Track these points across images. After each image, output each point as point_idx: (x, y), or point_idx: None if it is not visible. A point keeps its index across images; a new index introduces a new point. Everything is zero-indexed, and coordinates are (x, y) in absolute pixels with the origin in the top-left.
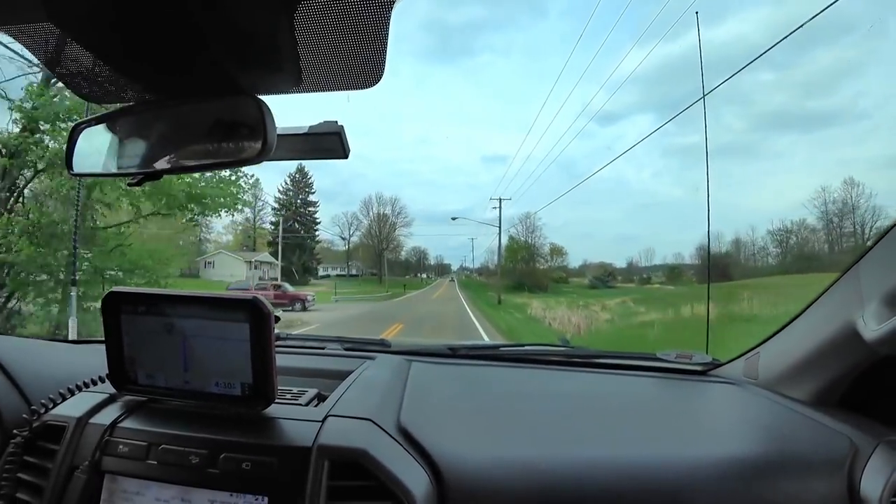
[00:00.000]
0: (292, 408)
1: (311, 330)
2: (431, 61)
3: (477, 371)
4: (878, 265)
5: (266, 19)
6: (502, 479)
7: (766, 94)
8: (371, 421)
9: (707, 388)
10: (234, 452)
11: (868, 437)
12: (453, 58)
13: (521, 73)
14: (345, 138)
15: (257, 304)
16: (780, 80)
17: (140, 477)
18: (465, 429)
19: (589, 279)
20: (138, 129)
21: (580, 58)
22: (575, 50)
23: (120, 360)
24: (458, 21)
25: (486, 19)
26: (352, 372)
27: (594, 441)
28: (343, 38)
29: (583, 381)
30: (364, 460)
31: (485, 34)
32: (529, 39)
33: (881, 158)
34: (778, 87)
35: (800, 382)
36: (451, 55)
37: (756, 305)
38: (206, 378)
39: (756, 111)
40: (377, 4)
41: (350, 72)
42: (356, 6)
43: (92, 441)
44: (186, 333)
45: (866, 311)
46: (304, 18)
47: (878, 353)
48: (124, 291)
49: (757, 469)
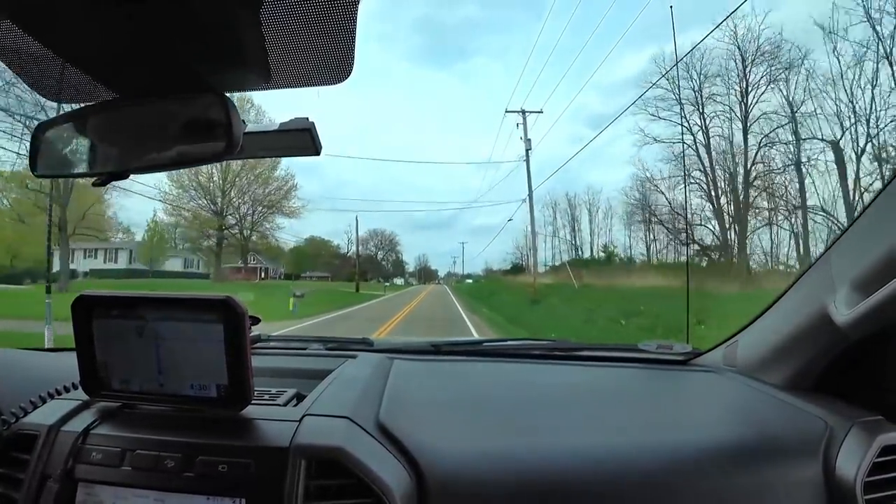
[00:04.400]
0: (270, 408)
1: None
2: (424, 64)
3: (459, 367)
4: (849, 252)
5: (232, 15)
6: (482, 471)
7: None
8: (348, 419)
9: (687, 376)
10: (211, 455)
11: (842, 418)
12: (447, 60)
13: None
14: (316, 135)
15: (231, 303)
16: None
17: (115, 484)
18: (446, 423)
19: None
20: (104, 129)
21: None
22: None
23: (92, 366)
24: (454, 22)
25: (481, 20)
26: (331, 371)
27: (575, 431)
28: (310, 34)
29: (565, 373)
30: (341, 458)
31: (480, 36)
32: (526, 41)
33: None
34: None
35: (777, 368)
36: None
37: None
38: (180, 381)
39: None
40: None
41: (319, 67)
42: (322, 1)
43: (64, 449)
44: (160, 336)
45: (838, 296)
46: (270, 14)
47: (850, 337)
48: (95, 295)
49: (734, 454)
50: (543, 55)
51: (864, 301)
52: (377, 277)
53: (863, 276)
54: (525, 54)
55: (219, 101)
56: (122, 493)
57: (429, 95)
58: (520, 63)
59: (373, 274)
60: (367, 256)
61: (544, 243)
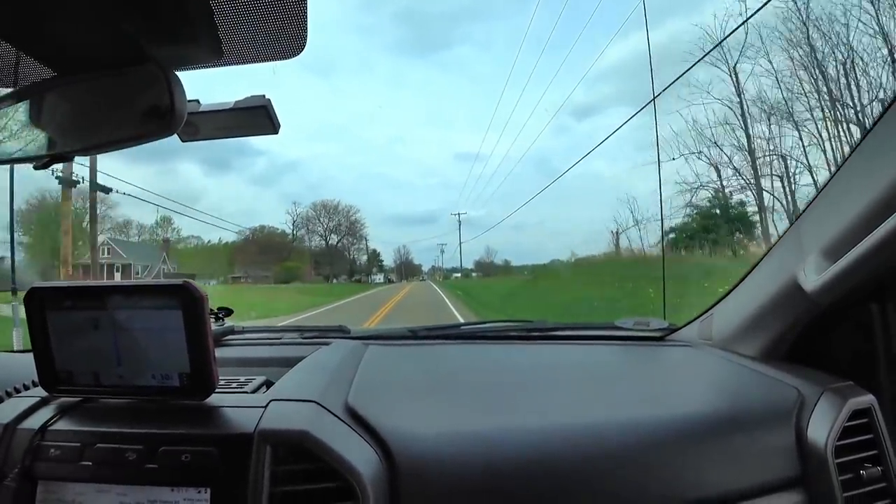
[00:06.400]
0: (236, 396)
1: None
2: (407, 55)
3: (435, 350)
4: (817, 220)
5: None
6: (454, 452)
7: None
8: (315, 402)
9: (664, 351)
10: (173, 445)
11: (814, 386)
12: (430, 51)
13: (500, 65)
14: (273, 112)
15: (188, 288)
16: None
17: (75, 480)
18: (418, 406)
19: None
20: (43, 110)
21: (559, 50)
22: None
23: (48, 361)
24: (436, 10)
25: (465, 8)
26: (304, 358)
27: (551, 410)
28: (260, 5)
29: (542, 352)
30: (306, 442)
31: (464, 24)
32: (510, 29)
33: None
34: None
35: (751, 340)
36: (427, 48)
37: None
38: (141, 371)
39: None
40: None
41: (270, 41)
42: None
43: (21, 447)
44: (117, 326)
45: (807, 264)
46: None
47: (820, 304)
48: (47, 286)
49: (709, 426)
50: (531, 45)
51: (832, 266)
52: (334, 274)
53: (830, 242)
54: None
55: (161, 75)
56: (82, 490)
57: (413, 87)
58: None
59: (339, 268)
60: (321, 249)
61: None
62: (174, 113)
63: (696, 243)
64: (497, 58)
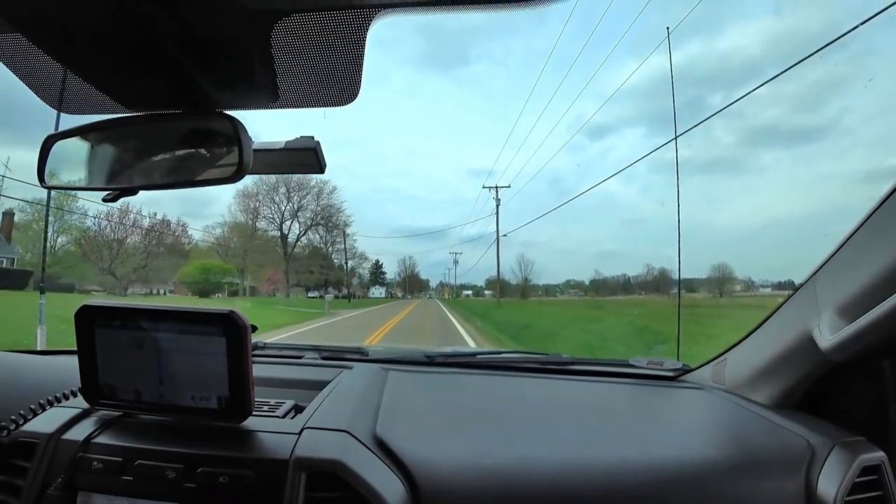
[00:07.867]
0: (269, 420)
1: None
2: (424, 69)
3: (453, 379)
4: (832, 278)
5: (243, 37)
6: (475, 483)
7: (758, 109)
8: (347, 432)
9: (676, 393)
10: (211, 466)
11: (825, 438)
12: (448, 66)
13: (517, 83)
14: (321, 153)
15: (234, 317)
16: (771, 94)
17: (115, 493)
18: (440, 436)
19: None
20: (112, 144)
21: (577, 69)
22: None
23: (94, 375)
24: (455, 26)
25: (483, 25)
26: (328, 382)
27: (565, 445)
28: (319, 56)
29: (557, 387)
30: (340, 471)
31: (482, 41)
32: (527, 47)
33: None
34: (770, 101)
35: (763, 387)
36: (445, 63)
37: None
38: (181, 392)
39: (746, 125)
40: (354, 24)
41: (326, 89)
42: (333, 25)
43: (65, 458)
44: (162, 347)
45: (822, 321)
46: (280, 36)
47: (833, 360)
48: (98, 305)
49: (719, 471)
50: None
51: (847, 328)
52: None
53: (845, 301)
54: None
55: (229, 123)
56: (120, 503)
57: (428, 101)
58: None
59: (318, 278)
60: (299, 254)
61: None
62: (242, 158)
63: None
64: (513, 75)
